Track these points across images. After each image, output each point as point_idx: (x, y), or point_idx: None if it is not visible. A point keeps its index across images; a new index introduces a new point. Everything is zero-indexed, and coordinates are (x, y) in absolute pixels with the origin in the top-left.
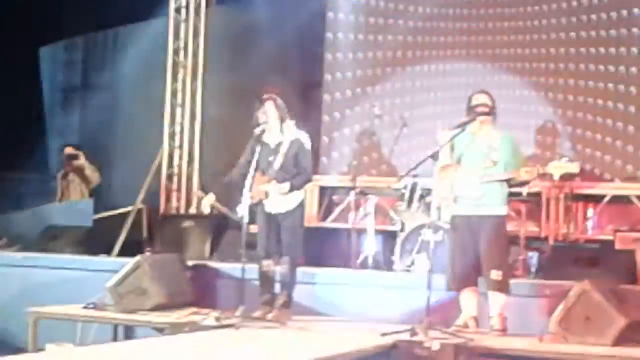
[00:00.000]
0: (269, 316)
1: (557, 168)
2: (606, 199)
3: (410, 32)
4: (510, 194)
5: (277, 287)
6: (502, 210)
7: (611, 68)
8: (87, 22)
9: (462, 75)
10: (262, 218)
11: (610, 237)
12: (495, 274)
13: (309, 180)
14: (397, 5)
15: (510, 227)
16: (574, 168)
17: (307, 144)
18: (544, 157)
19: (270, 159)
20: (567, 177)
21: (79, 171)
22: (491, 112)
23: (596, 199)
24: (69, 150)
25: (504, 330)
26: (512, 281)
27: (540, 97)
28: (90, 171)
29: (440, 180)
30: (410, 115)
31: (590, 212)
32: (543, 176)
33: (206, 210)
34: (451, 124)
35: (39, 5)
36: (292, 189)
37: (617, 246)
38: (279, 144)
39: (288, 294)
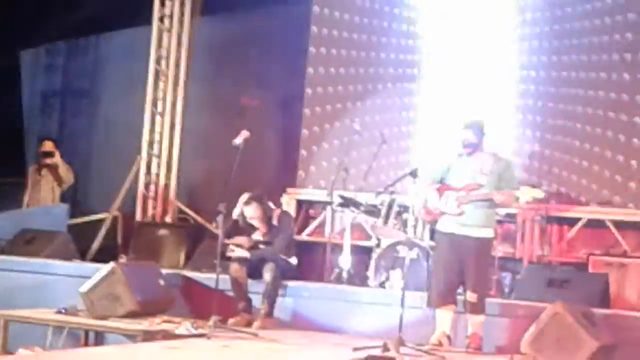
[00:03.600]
0: (255, 325)
1: (524, 193)
2: (581, 222)
3: (393, 49)
4: None
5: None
6: (489, 232)
7: (590, 92)
8: (70, 27)
9: (443, 93)
10: None
11: (584, 261)
12: (470, 296)
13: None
14: (381, 22)
15: None
16: (539, 194)
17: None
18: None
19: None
20: (534, 201)
21: (53, 169)
22: (476, 146)
23: (571, 222)
24: (47, 145)
25: (477, 350)
26: (486, 300)
27: (518, 119)
28: (65, 170)
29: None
30: (389, 132)
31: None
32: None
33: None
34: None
35: (22, 8)
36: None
37: (591, 269)
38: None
39: (270, 303)
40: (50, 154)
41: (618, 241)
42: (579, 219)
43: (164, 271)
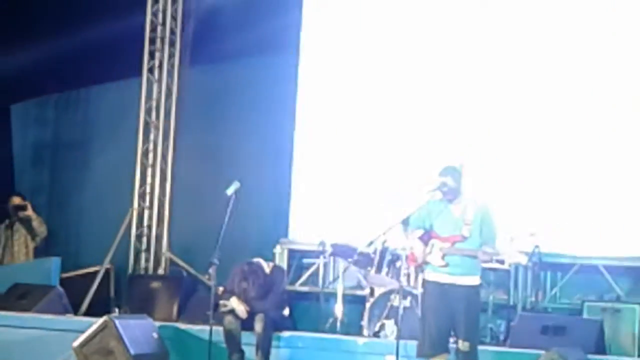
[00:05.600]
0: None
1: (509, 257)
2: (574, 268)
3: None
4: None
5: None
6: (475, 280)
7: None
8: (60, 80)
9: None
10: None
11: (578, 306)
12: (462, 345)
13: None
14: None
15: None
16: (523, 260)
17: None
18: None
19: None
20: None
21: (26, 222)
22: (456, 192)
23: (564, 267)
24: (16, 200)
25: None
26: (480, 348)
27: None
28: (38, 223)
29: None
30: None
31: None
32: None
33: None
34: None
35: (12, 61)
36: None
37: (585, 315)
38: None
39: (264, 354)
40: (22, 207)
41: (611, 286)
42: (572, 265)
43: (158, 324)
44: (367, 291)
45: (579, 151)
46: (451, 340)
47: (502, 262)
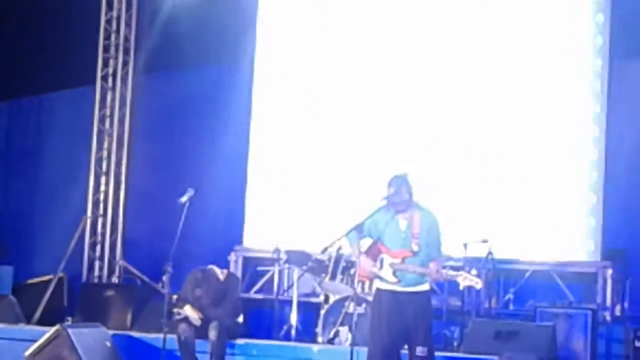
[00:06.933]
0: None
1: (463, 279)
2: (527, 274)
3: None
4: None
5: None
6: (426, 286)
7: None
8: (12, 87)
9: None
10: None
11: (531, 312)
12: (420, 350)
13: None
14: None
15: (433, 301)
16: (478, 284)
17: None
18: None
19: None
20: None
21: None
22: (407, 203)
23: (517, 274)
24: None
25: None
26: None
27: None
28: None
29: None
30: (337, 187)
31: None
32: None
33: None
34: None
35: None
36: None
37: (538, 321)
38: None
39: None
40: None
41: (563, 292)
42: (525, 271)
43: (111, 332)
44: (321, 298)
45: (530, 158)
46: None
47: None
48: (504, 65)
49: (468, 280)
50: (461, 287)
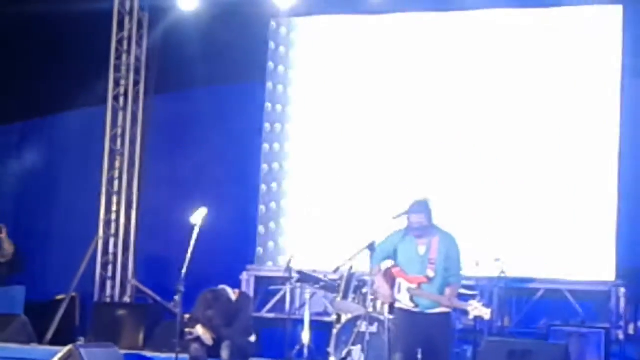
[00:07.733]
0: None
1: (473, 308)
2: (540, 292)
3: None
4: None
5: None
6: (444, 308)
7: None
8: (25, 107)
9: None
10: None
11: (544, 331)
12: None
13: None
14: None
15: None
16: (487, 314)
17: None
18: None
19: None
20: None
21: None
22: (426, 229)
23: (530, 292)
24: None
25: None
26: None
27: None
28: (8, 245)
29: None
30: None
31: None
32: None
33: None
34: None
35: None
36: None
37: (551, 340)
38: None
39: None
40: None
41: (576, 310)
42: (537, 290)
43: (123, 352)
44: (333, 317)
45: (544, 177)
46: None
47: (466, 313)
48: (524, 82)
49: (477, 310)
50: (470, 317)
